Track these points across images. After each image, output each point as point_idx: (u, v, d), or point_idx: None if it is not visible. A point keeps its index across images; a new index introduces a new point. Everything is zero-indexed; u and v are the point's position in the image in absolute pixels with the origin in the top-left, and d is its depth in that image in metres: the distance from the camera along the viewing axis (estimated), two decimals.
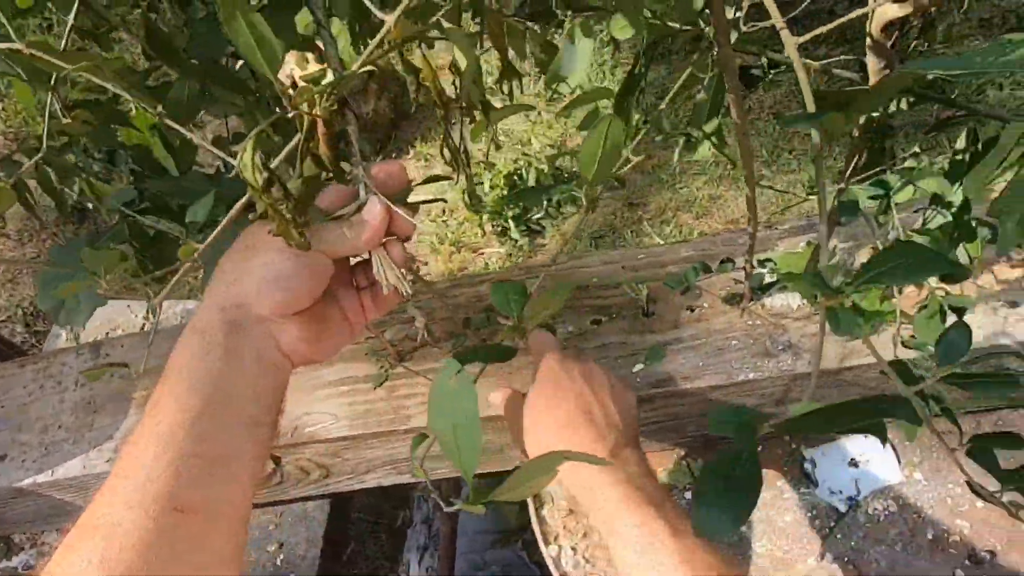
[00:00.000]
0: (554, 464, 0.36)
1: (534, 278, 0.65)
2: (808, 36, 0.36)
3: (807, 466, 0.91)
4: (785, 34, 0.35)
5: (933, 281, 0.66)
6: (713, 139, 0.55)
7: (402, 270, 0.51)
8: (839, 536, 0.86)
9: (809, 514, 0.89)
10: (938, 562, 0.83)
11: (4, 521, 1.06)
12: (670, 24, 0.46)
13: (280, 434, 0.85)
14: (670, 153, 2.18)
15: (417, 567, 1.96)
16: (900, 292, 0.74)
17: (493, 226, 2.51)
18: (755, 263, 0.76)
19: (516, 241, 2.46)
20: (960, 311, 0.62)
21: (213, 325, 0.49)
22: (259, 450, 0.51)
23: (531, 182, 2.44)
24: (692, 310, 0.81)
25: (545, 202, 2.40)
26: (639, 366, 0.78)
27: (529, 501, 0.96)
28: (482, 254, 2.50)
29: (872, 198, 0.63)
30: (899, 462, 0.89)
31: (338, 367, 0.89)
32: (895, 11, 0.38)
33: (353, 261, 0.58)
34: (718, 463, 0.41)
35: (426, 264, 2.52)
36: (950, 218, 0.58)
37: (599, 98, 0.57)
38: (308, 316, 0.52)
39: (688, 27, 0.46)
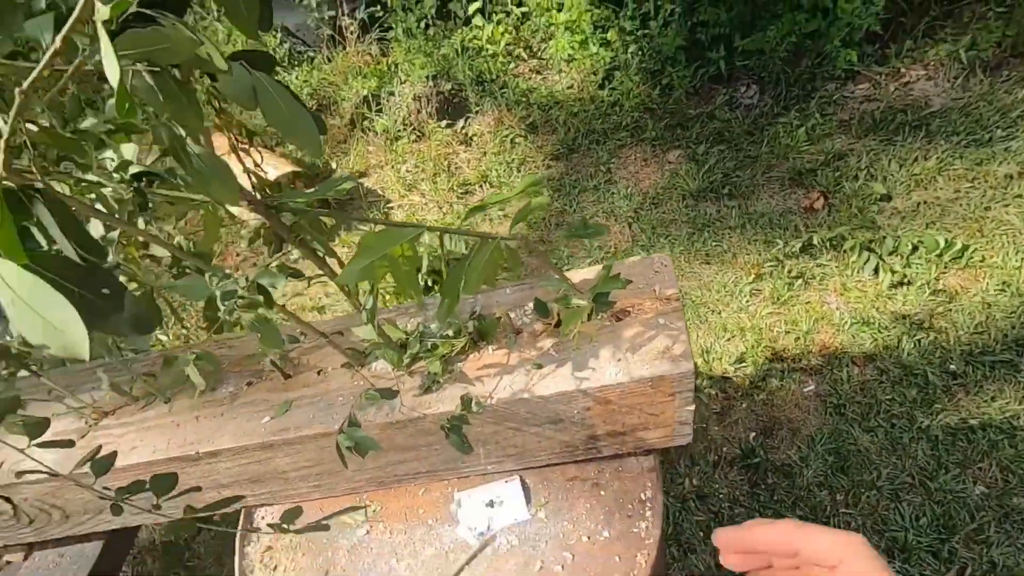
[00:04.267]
0: None
1: None
2: None
3: (453, 506, 1.05)
4: None
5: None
6: None
7: None
8: (466, 568, 0.99)
9: (448, 547, 1.02)
10: None
11: None
12: None
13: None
14: None
15: None
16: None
17: None
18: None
19: None
20: None
21: None
22: None
23: None
24: (320, 372, 0.98)
25: None
26: (267, 419, 0.94)
27: (238, 536, 1.11)
28: None
29: None
30: (529, 503, 1.03)
31: (60, 422, 1.06)
32: None
33: None
34: None
35: None
36: None
37: None
38: None
39: None
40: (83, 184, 0.59)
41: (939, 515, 1.90)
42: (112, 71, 0.38)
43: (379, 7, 3.65)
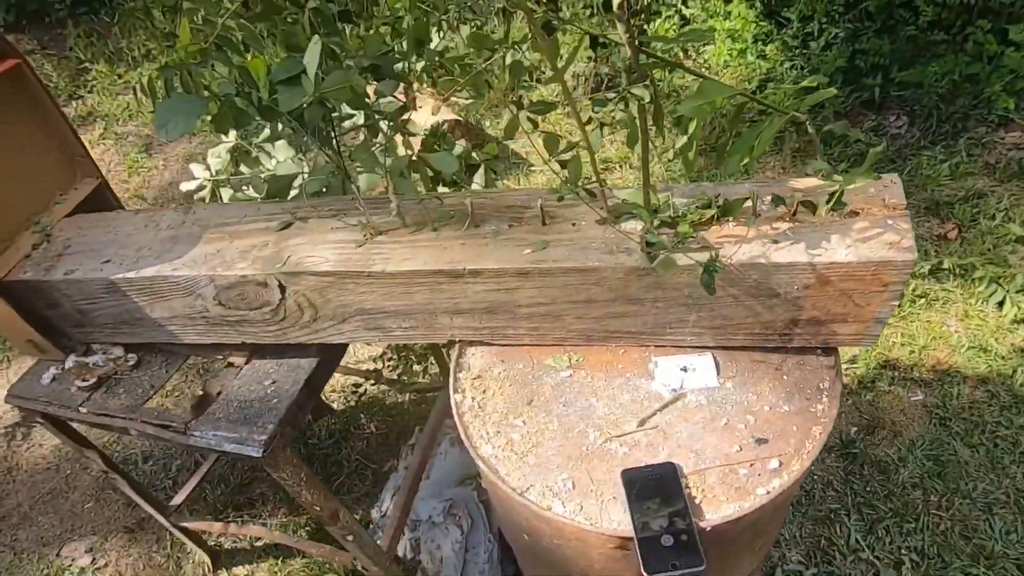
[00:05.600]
0: None
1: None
2: None
3: (650, 365, 1.23)
4: None
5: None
6: None
7: None
8: (659, 413, 1.17)
9: (643, 396, 1.20)
10: (724, 438, 1.12)
11: (93, 323, 1.48)
12: None
13: (287, 264, 1.24)
14: None
15: (389, 502, 2.29)
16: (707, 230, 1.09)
17: None
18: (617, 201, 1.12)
19: None
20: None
21: None
22: None
23: None
24: (574, 224, 1.17)
25: None
26: (527, 251, 1.14)
27: (452, 366, 1.31)
28: None
29: None
30: (718, 373, 1.20)
31: (338, 234, 1.28)
32: None
33: None
34: None
35: None
36: None
37: None
38: None
39: None
40: None
41: None
42: None
43: None
